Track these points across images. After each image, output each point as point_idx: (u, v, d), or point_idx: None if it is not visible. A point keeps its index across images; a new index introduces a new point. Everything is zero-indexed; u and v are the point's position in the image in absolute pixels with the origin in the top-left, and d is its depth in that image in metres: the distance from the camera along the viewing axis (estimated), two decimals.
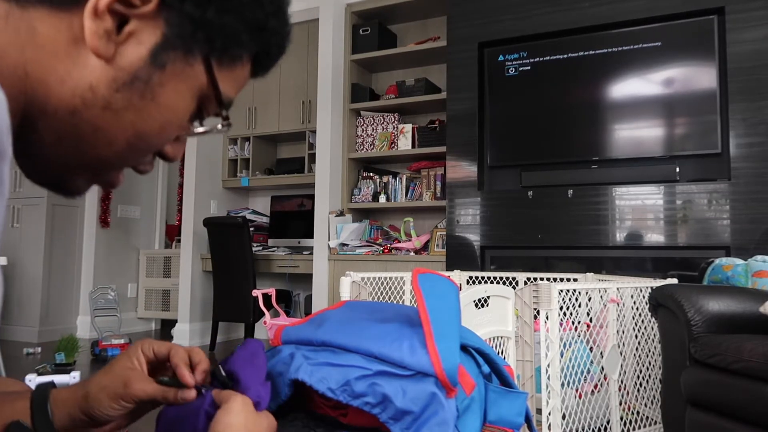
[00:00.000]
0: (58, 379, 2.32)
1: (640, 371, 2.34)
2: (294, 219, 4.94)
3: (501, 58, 3.68)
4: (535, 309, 1.98)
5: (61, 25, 0.45)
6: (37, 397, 0.58)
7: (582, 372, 2.11)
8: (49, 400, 0.58)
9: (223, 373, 0.67)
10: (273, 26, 0.53)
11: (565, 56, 3.51)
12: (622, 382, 2.24)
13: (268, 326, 2.58)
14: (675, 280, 2.35)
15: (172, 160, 0.56)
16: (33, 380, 2.22)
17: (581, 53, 3.47)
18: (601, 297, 2.26)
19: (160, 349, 0.65)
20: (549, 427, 1.90)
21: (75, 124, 0.46)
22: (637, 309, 2.32)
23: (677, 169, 3.21)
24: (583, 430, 2.06)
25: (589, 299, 2.38)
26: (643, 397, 2.33)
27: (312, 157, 4.69)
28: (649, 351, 2.34)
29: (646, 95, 3.33)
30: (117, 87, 0.46)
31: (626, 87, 3.38)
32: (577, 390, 2.09)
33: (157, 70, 0.47)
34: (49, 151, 0.48)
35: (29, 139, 0.47)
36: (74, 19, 0.45)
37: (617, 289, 2.22)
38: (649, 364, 2.34)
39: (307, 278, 4.62)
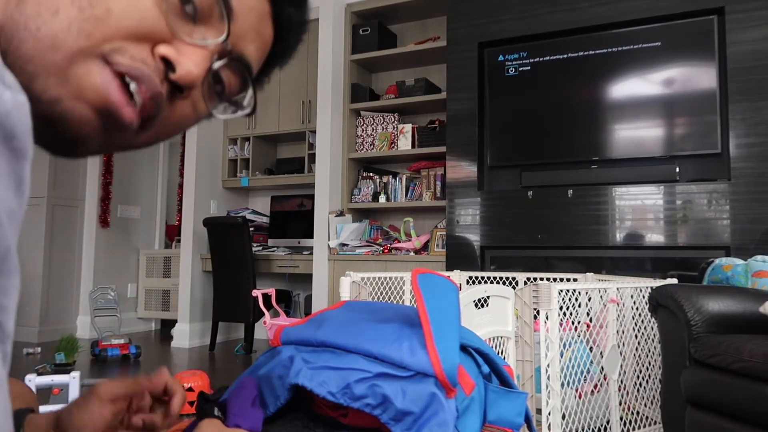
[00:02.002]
0: (58, 379, 2.32)
1: (640, 371, 2.34)
2: (294, 219, 4.94)
3: (501, 58, 3.68)
4: (535, 309, 1.98)
5: None
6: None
7: (582, 372, 2.11)
8: (23, 425, 0.59)
9: (216, 411, 0.70)
10: None
11: (565, 56, 3.51)
12: (621, 382, 2.24)
13: (268, 326, 2.58)
14: (675, 280, 2.35)
15: (183, 71, 0.44)
16: (33, 380, 2.22)
17: (581, 53, 3.47)
18: (601, 297, 2.27)
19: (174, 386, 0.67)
20: (549, 427, 1.90)
21: (15, 8, 0.40)
22: (637, 309, 2.31)
23: (677, 169, 3.21)
24: (582, 430, 2.06)
25: (589, 299, 2.38)
26: (643, 397, 2.33)
27: (312, 157, 4.69)
28: (649, 351, 2.34)
29: (646, 95, 3.33)
30: None
31: (626, 87, 3.38)
32: (576, 390, 2.09)
33: None
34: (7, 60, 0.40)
35: None
36: None
37: (617, 289, 2.22)
38: (649, 364, 2.34)
39: (307, 278, 4.62)
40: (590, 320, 2.28)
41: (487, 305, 1.88)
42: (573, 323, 2.14)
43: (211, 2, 0.45)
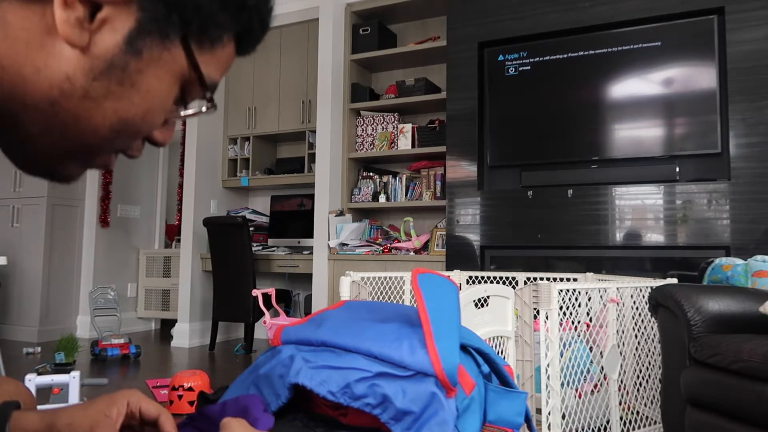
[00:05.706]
0: (58, 378, 2.32)
1: (640, 371, 2.34)
2: (294, 219, 4.94)
3: (501, 58, 3.68)
4: (534, 309, 1.98)
5: (34, 16, 0.44)
6: None
7: (582, 372, 2.11)
8: (9, 421, 0.57)
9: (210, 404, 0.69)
10: (253, 3, 0.52)
11: (565, 56, 3.51)
12: (621, 382, 2.24)
13: (267, 326, 2.58)
14: (675, 280, 2.34)
15: (162, 144, 0.55)
16: (33, 380, 2.22)
17: (581, 53, 3.47)
18: (601, 297, 2.27)
19: (149, 409, 0.63)
20: (549, 427, 1.90)
21: (56, 114, 0.46)
22: (637, 309, 2.32)
23: (677, 169, 3.21)
24: (582, 430, 2.06)
25: (589, 299, 2.38)
26: (643, 397, 2.33)
27: (312, 157, 4.69)
28: (649, 351, 2.34)
29: (646, 95, 3.33)
30: (94, 76, 0.45)
31: (626, 87, 3.38)
32: (576, 390, 2.09)
33: (133, 56, 0.46)
34: (36, 142, 0.48)
35: (11, 132, 0.47)
36: (46, 9, 0.44)
37: (617, 289, 2.22)
38: (649, 364, 2.34)
39: (307, 278, 4.62)
40: (590, 320, 2.28)
41: (487, 305, 1.88)
42: (573, 323, 2.14)
43: (200, 93, 0.52)
